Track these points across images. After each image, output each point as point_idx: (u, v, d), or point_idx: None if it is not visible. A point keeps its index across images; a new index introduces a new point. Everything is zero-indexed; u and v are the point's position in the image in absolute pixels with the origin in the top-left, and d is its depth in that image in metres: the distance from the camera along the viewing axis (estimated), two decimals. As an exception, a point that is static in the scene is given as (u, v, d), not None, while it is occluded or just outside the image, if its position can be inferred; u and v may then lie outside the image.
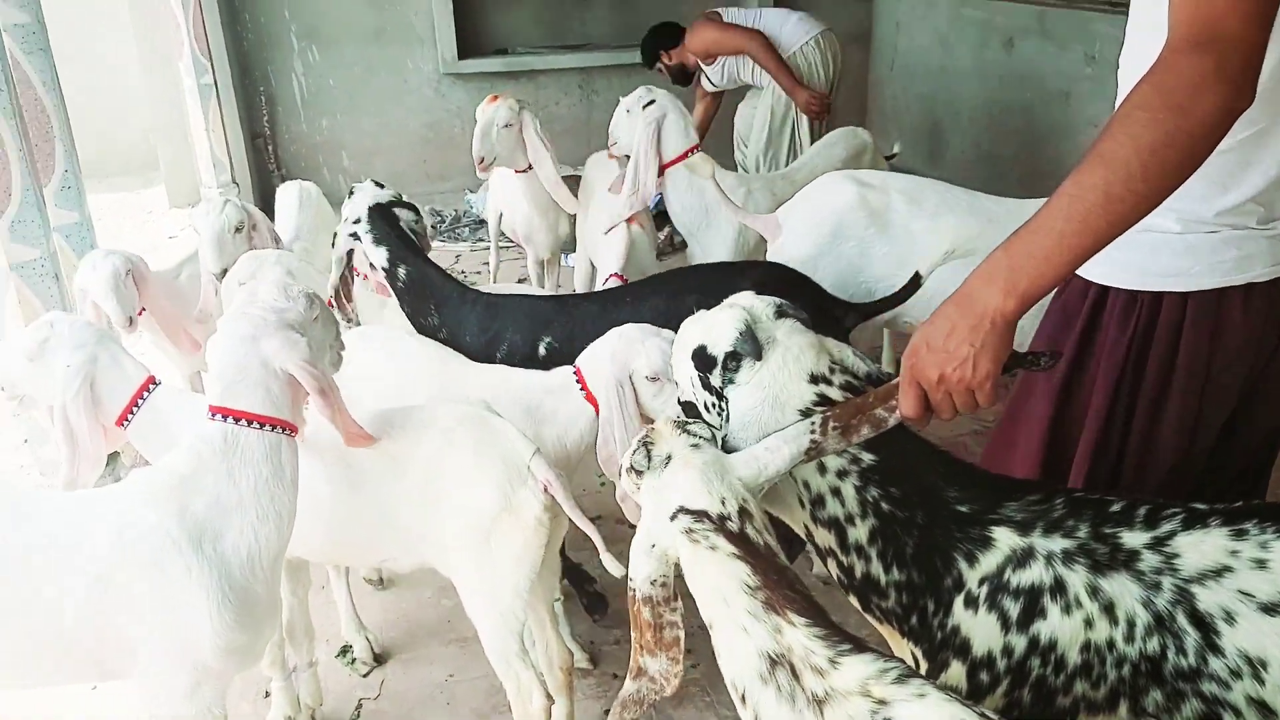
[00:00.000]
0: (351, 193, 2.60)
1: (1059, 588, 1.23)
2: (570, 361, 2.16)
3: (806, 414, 1.32)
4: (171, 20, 5.46)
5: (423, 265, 2.46)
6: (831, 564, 1.40)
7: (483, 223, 5.86)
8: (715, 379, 1.38)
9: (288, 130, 6.19)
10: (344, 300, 2.59)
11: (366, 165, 6.21)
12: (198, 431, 1.64)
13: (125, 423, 1.93)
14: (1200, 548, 1.20)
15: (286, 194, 3.64)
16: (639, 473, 1.24)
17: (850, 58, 6.74)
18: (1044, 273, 1.16)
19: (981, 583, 1.28)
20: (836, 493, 1.36)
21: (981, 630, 1.28)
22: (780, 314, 1.40)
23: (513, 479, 1.76)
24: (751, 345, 1.35)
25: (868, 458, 1.35)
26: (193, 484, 1.60)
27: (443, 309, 2.41)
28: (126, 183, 7.10)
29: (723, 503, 1.16)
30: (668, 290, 2.36)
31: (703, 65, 4.91)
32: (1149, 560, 1.21)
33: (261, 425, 1.61)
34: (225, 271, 2.81)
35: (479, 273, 5.20)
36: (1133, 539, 1.23)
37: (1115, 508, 1.27)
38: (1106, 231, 1.14)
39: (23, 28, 2.75)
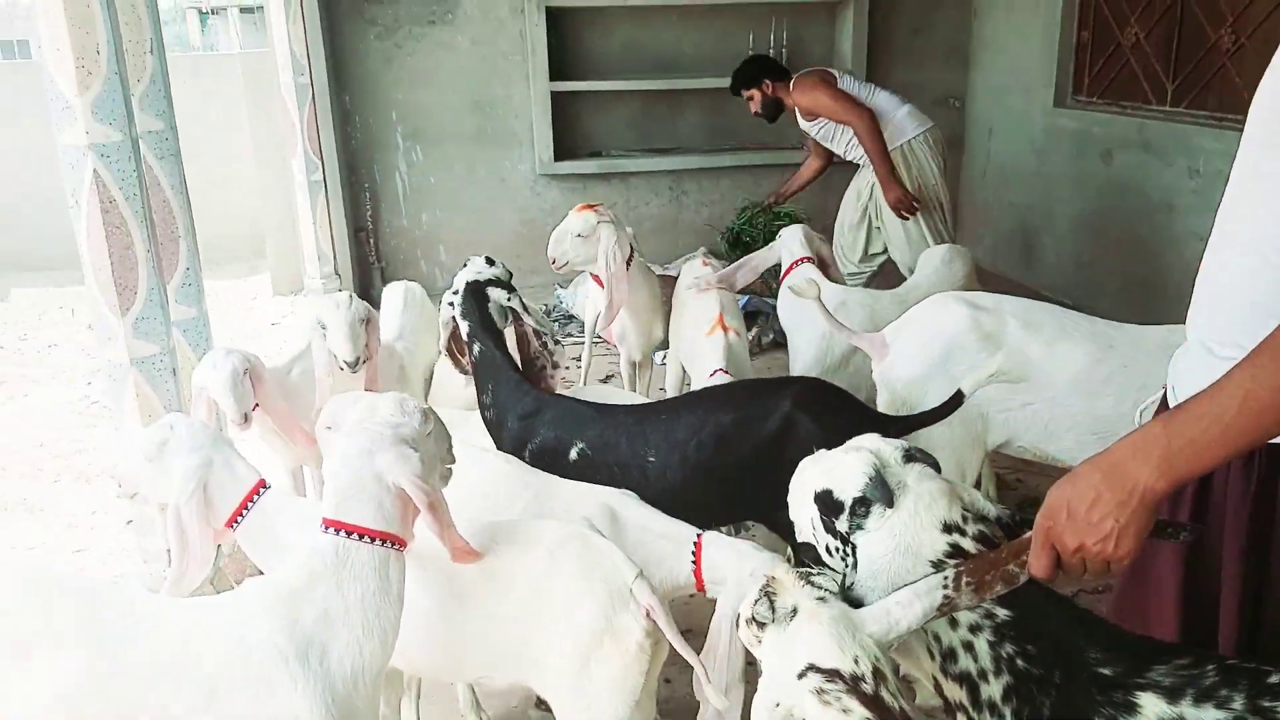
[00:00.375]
0: (465, 264, 2.80)
1: None
2: (597, 469, 2.23)
3: (938, 565, 1.27)
4: (287, 121, 5.77)
5: (491, 345, 2.59)
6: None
7: (571, 318, 5.96)
8: (842, 524, 1.34)
9: (389, 224, 6.42)
10: (456, 355, 2.79)
11: (462, 259, 6.36)
12: (311, 544, 1.66)
13: (234, 524, 1.97)
14: None
15: (392, 294, 3.77)
16: (761, 625, 1.19)
17: (942, 164, 6.81)
18: (1203, 460, 1.11)
19: None
20: (969, 647, 1.31)
21: None
22: (909, 458, 1.36)
23: (615, 602, 1.73)
24: (883, 491, 1.31)
25: (1002, 613, 1.30)
26: (303, 597, 1.61)
27: (497, 391, 2.54)
28: (234, 270, 7.43)
29: (855, 662, 1.12)
30: (703, 408, 2.36)
31: (801, 115, 4.89)
32: None
33: (372, 540, 1.63)
34: (359, 360, 3.00)
35: (567, 368, 5.26)
36: None
37: (1274, 679, 1.18)
38: (1275, 430, 1.09)
39: (157, 134, 2.91)
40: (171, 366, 2.69)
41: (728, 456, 2.25)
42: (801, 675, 1.13)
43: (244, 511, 1.97)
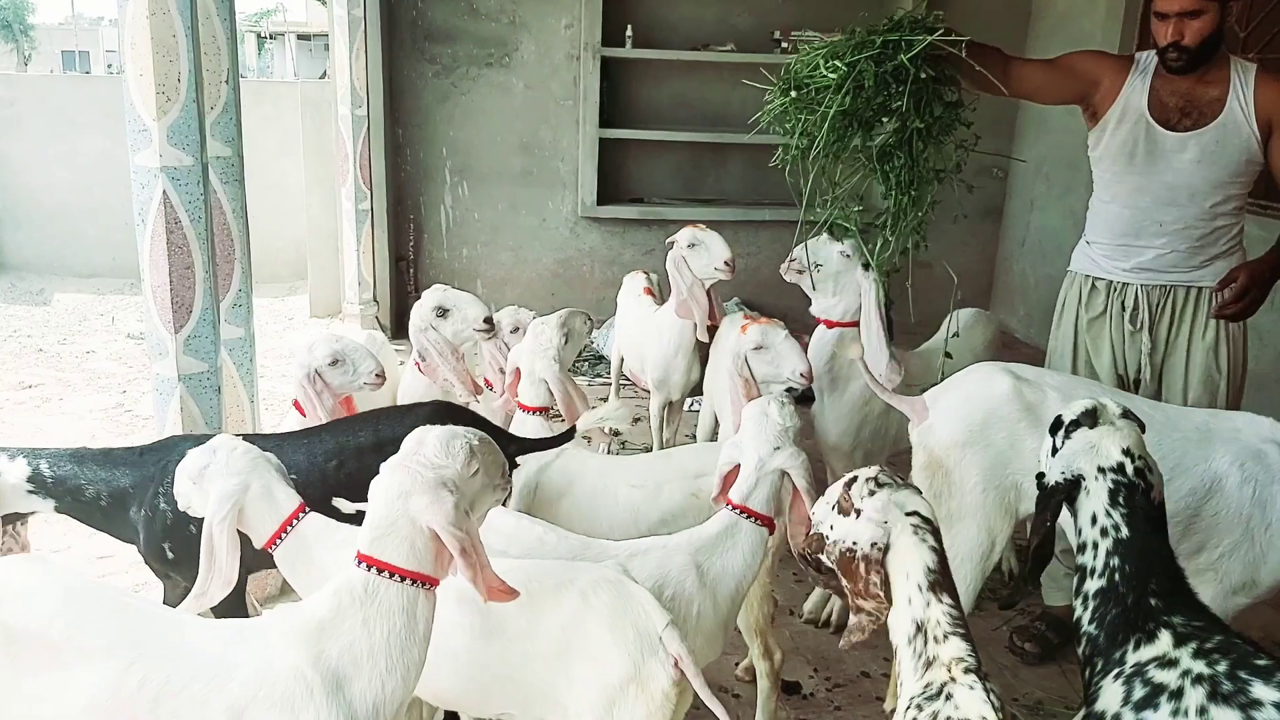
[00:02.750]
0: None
1: (1178, 694, 1.51)
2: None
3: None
4: (341, 150, 5.91)
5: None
6: None
7: (601, 359, 6.00)
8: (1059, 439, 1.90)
9: (430, 256, 6.53)
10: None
11: (498, 293, 6.48)
12: (343, 576, 1.68)
13: (274, 545, 2.01)
14: None
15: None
16: (877, 488, 1.70)
17: (982, 231, 6.82)
18: None
19: (1134, 666, 1.60)
20: (1095, 546, 1.73)
21: (1109, 695, 1.61)
22: (1125, 415, 1.86)
23: (644, 648, 1.75)
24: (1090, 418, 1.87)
25: (1125, 532, 1.72)
26: (330, 629, 1.63)
27: None
28: (273, 290, 7.56)
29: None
30: (343, 429, 2.57)
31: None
32: (1268, 714, 1.41)
33: (403, 579, 1.64)
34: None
35: (594, 407, 5.29)
36: (1262, 692, 1.44)
37: (1260, 662, 1.50)
38: None
39: (224, 160, 3.01)
40: (217, 385, 2.75)
41: (368, 474, 2.31)
42: (909, 514, 1.65)
43: (283, 535, 2.01)
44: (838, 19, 6.37)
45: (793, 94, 2.68)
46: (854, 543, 1.67)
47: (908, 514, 1.64)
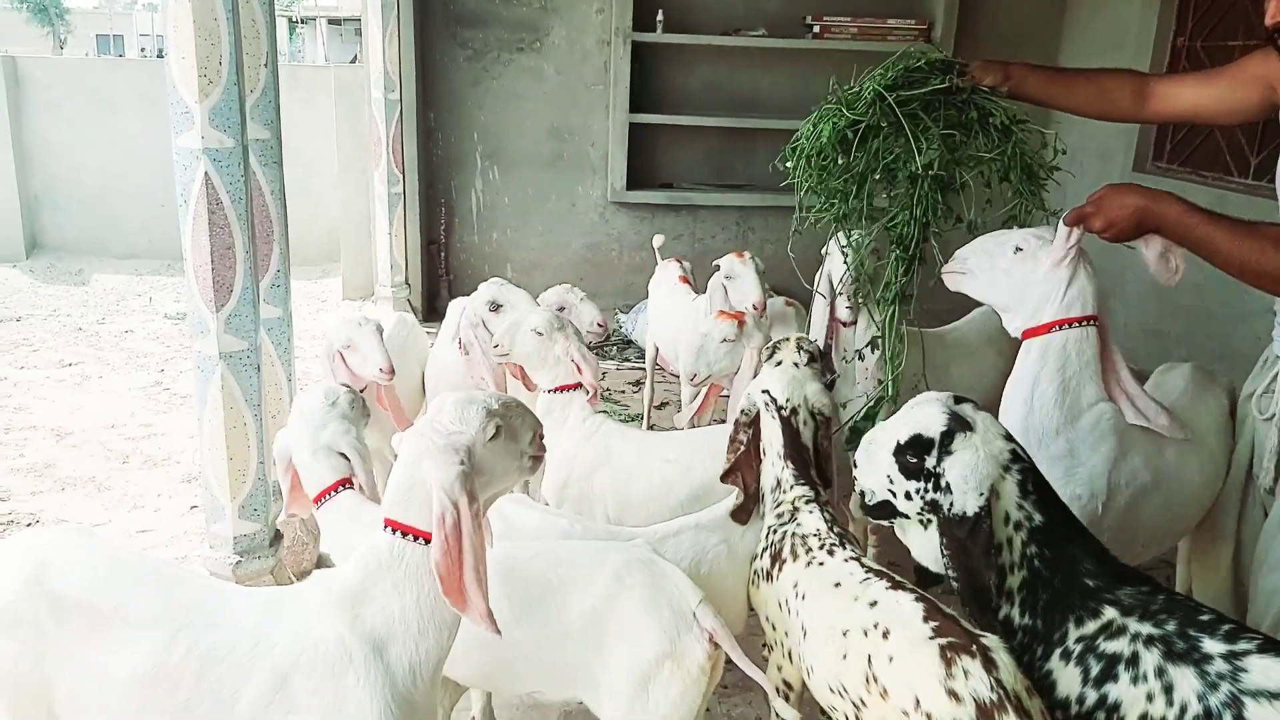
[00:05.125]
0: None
1: (1134, 660, 1.51)
2: None
3: (1006, 467, 1.75)
4: (374, 135, 5.96)
5: None
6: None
7: (629, 343, 6.04)
8: (931, 459, 1.74)
9: (460, 240, 6.58)
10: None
11: (527, 277, 6.52)
12: (371, 541, 1.71)
13: (319, 504, 2.09)
14: (1269, 672, 1.40)
15: (457, 308, 3.87)
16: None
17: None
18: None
19: (1078, 641, 1.58)
20: (1009, 542, 1.67)
21: (1066, 679, 1.59)
22: (959, 400, 1.79)
23: (680, 625, 1.78)
24: (960, 422, 1.75)
25: (1039, 518, 1.67)
26: (361, 594, 1.66)
27: None
28: (306, 272, 7.65)
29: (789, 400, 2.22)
30: None
31: None
32: (1218, 666, 1.44)
33: (427, 541, 1.65)
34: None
35: (623, 391, 5.33)
36: (1211, 646, 1.47)
37: (1205, 617, 1.53)
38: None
39: (263, 143, 3.06)
40: (256, 363, 2.80)
41: None
42: (765, 393, 2.23)
43: (326, 497, 2.08)
44: (868, 6, 6.38)
45: (802, 161, 2.61)
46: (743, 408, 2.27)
47: (762, 391, 2.21)
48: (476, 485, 1.64)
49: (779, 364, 2.30)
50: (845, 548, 1.89)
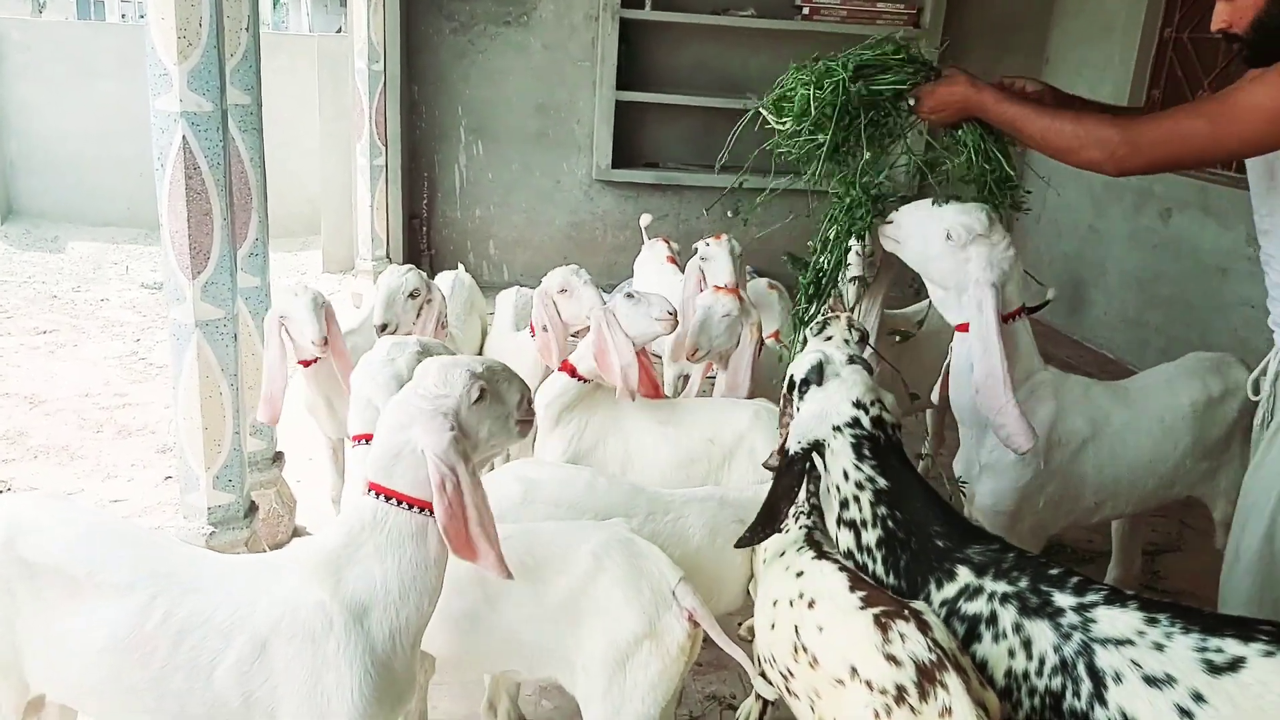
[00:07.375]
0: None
1: (993, 619, 1.57)
2: None
3: (838, 429, 1.81)
4: (357, 106, 5.88)
5: None
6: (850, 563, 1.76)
7: (613, 323, 6.02)
8: (795, 396, 1.94)
9: (443, 215, 6.52)
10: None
11: (510, 255, 6.48)
12: (352, 505, 1.70)
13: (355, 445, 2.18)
14: (1114, 620, 1.47)
15: (442, 281, 3.84)
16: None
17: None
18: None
19: (941, 605, 1.63)
20: (856, 500, 1.76)
21: None
22: (850, 360, 1.90)
23: (659, 604, 1.77)
24: (818, 375, 1.89)
25: (882, 481, 1.75)
26: (343, 558, 1.65)
27: None
28: (286, 244, 7.56)
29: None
30: None
31: None
32: (1070, 618, 1.50)
33: (410, 506, 1.65)
34: (385, 327, 3.10)
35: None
36: (1062, 599, 1.53)
37: (1053, 571, 1.59)
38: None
39: (243, 108, 3.00)
40: (233, 332, 2.76)
41: None
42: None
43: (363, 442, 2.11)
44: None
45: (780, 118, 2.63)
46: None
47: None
48: (466, 448, 1.63)
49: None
50: (806, 517, 1.88)
